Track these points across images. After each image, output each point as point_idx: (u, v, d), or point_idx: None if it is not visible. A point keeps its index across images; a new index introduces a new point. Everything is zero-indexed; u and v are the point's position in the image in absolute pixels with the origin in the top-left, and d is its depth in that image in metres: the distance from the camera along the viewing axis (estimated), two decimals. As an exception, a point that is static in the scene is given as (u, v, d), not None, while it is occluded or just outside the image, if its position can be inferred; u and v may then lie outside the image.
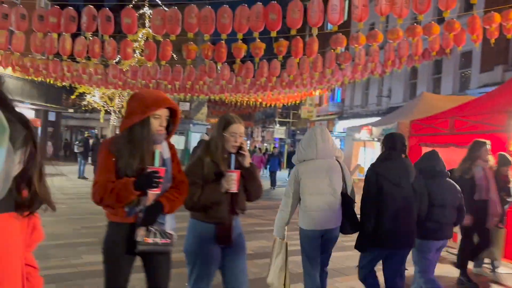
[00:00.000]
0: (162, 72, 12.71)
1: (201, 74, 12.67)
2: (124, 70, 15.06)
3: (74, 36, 9.35)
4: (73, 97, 24.63)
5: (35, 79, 15.92)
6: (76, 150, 15.38)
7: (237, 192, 2.72)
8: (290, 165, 18.86)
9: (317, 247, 3.63)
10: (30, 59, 12.73)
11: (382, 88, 20.71)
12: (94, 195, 2.27)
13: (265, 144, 37.12)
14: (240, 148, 2.79)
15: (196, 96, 24.09)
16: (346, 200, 3.70)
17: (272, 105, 29.48)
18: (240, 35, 7.68)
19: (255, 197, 2.93)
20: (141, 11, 22.24)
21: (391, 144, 3.81)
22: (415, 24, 8.61)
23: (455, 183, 4.08)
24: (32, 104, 22.56)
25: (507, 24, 7.92)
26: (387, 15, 6.79)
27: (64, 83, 19.89)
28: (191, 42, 9.99)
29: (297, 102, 25.57)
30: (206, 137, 7.85)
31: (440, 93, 16.22)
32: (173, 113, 2.46)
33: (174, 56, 10.17)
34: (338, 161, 3.81)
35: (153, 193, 2.28)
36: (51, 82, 16.55)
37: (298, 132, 32.57)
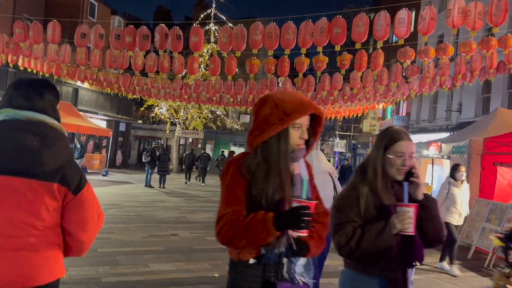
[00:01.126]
0: (225, 86, 13.06)
1: (262, 88, 12.85)
2: (190, 84, 15.70)
3: (145, 53, 9.94)
4: (142, 109, 26.03)
5: (109, 91, 17.01)
6: (143, 160, 16.21)
7: (413, 235, 1.98)
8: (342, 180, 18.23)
9: None
10: (104, 73, 13.65)
11: (451, 102, 19.66)
12: (221, 234, 1.71)
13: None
14: (410, 173, 2.06)
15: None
16: None
17: (332, 118, 29.14)
18: (303, 50, 7.69)
19: (435, 241, 2.12)
20: (206, 27, 23.11)
21: None
22: (489, 36, 8.14)
23: None
24: (105, 115, 24.13)
25: None
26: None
27: (134, 96, 21.20)
28: (254, 57, 10.21)
29: (359, 115, 25.06)
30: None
31: (518, 108, 15.08)
32: (314, 120, 1.86)
33: (237, 70, 10.43)
34: (330, 176, 4.28)
35: (299, 234, 1.70)
36: (123, 95, 17.66)
37: (359, 146, 31.77)
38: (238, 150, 31.08)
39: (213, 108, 25.74)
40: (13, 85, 1.80)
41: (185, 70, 11.13)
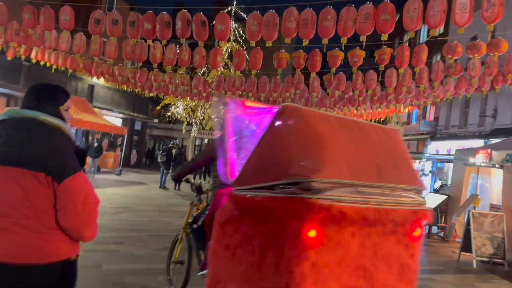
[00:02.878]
0: (247, 83, 12.17)
1: (287, 85, 11.95)
2: (209, 81, 14.90)
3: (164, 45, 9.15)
4: (158, 108, 25.36)
5: (124, 88, 16.30)
6: (159, 160, 15.41)
7: None
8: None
9: None
10: (119, 68, 12.91)
11: (485, 107, 18.42)
12: None
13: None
14: None
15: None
16: None
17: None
18: (343, 40, 6.74)
19: None
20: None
21: None
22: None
23: None
24: (120, 112, 23.52)
25: None
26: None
27: (151, 94, 20.50)
28: (283, 50, 9.31)
29: (382, 119, 23.97)
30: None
31: None
32: None
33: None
34: None
35: None
36: (139, 92, 16.96)
37: (381, 151, 30.59)
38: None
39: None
40: (27, 90, 2.08)
41: (205, 67, 10.37)
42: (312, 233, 1.86)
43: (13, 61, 13.39)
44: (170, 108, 24.80)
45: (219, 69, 22.93)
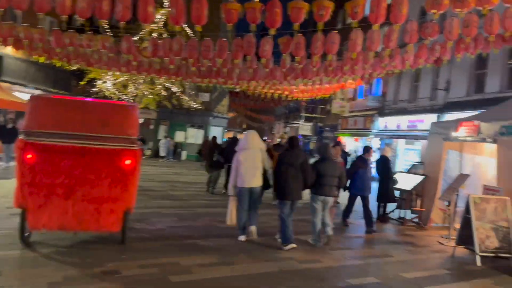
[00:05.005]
0: (188, 48, 10.03)
1: (237, 49, 9.93)
2: (140, 48, 12.54)
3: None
4: (82, 83, 22.23)
5: (36, 58, 13.44)
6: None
7: None
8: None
9: (247, 196, 6.44)
10: (24, 29, 10.22)
11: (437, 79, 17.78)
12: None
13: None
14: None
15: (219, 86, 21.52)
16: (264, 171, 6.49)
17: (297, 99, 26.82)
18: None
19: None
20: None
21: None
22: None
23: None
24: (36, 88, 20.18)
25: None
26: None
27: (71, 66, 17.54)
28: (233, 0, 7.36)
29: (327, 96, 22.87)
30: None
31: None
32: None
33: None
34: (261, 150, 6.64)
35: None
36: (57, 64, 14.17)
37: (327, 129, 29.72)
38: (197, 133, 27.97)
39: (167, 84, 22.44)
40: None
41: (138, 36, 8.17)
42: (30, 156, 4.96)
43: None
44: (95, 83, 21.82)
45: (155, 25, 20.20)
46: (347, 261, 5.98)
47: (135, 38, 17.95)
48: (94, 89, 22.11)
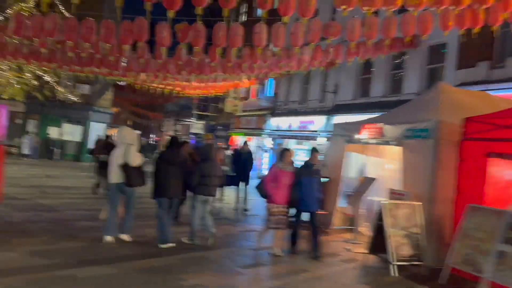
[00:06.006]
0: (66, 28, 8.39)
1: (125, 34, 8.58)
2: (3, 25, 10.33)
3: None
4: None
5: None
6: None
7: None
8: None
9: (116, 193, 6.34)
10: None
11: (326, 82, 18.39)
12: None
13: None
14: None
15: (102, 77, 19.37)
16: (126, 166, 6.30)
17: (189, 96, 25.76)
18: None
19: None
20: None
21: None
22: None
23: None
24: None
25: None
26: None
27: None
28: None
29: (220, 94, 22.35)
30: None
31: (402, 91, 14.29)
32: None
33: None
34: (128, 145, 6.41)
35: None
36: None
37: (219, 127, 29.17)
38: (74, 129, 25.06)
39: (39, 72, 19.48)
40: None
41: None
42: None
43: None
44: None
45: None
46: (265, 282, 5.35)
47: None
48: None
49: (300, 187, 6.30)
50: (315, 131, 17.92)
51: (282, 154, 6.48)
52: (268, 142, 22.21)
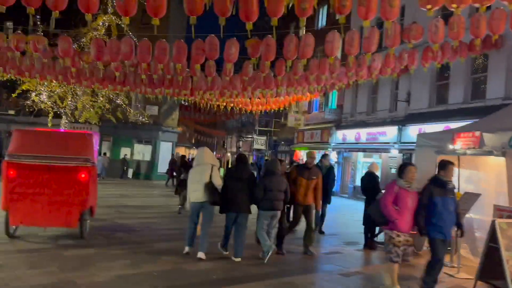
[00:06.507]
0: (139, 50, 8.57)
1: (197, 53, 8.56)
2: (79, 51, 10.87)
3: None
4: (14, 95, 19.75)
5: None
6: None
7: None
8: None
9: (196, 211, 6.62)
10: None
11: (397, 91, 17.48)
12: None
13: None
14: None
15: (170, 97, 19.92)
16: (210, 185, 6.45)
17: (250, 112, 25.75)
18: None
19: None
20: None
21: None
22: None
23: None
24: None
25: None
26: None
27: (2, 76, 15.32)
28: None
29: (281, 108, 22.02)
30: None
31: (487, 96, 13.10)
32: None
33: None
34: (212, 166, 6.64)
35: None
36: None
37: (282, 143, 28.88)
38: (144, 149, 26.03)
39: (111, 95, 20.48)
40: None
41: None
42: (11, 173, 6.78)
43: None
44: (29, 96, 19.43)
45: (98, 27, 18.31)
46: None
47: (74, 46, 16.12)
48: (28, 102, 19.69)
49: (431, 209, 5.04)
50: (387, 143, 16.99)
51: (403, 169, 5.29)
52: (334, 156, 21.51)
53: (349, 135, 20.25)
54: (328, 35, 7.93)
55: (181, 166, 10.71)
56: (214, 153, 47.86)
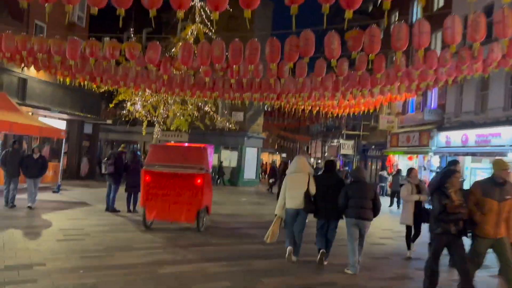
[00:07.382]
0: (230, 52, 8.08)
1: (290, 51, 7.83)
2: (170, 56, 10.78)
3: None
4: (111, 105, 20.90)
5: (60, 78, 11.88)
6: (103, 171, 11.02)
7: None
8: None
9: (292, 217, 6.80)
10: (38, 40, 8.66)
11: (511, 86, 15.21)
12: None
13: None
14: None
15: (256, 103, 19.60)
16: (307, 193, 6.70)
17: (337, 116, 24.44)
18: None
19: None
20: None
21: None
22: None
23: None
24: (62, 112, 18.86)
25: None
26: None
27: (99, 88, 16.12)
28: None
29: (371, 110, 20.42)
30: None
31: None
32: None
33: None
34: (308, 174, 6.91)
35: None
36: (82, 83, 12.61)
37: (372, 147, 27.15)
38: (230, 155, 26.09)
39: (200, 103, 20.74)
40: None
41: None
42: (147, 178, 8.68)
43: None
44: (125, 105, 20.38)
45: (189, 32, 18.64)
46: None
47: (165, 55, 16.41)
48: (124, 112, 20.69)
49: None
50: (503, 146, 14.81)
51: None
52: (435, 161, 19.48)
53: (454, 137, 18.15)
54: (446, 21, 6.77)
55: (282, 174, 10.54)
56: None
